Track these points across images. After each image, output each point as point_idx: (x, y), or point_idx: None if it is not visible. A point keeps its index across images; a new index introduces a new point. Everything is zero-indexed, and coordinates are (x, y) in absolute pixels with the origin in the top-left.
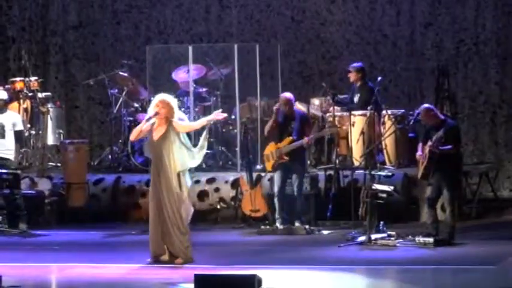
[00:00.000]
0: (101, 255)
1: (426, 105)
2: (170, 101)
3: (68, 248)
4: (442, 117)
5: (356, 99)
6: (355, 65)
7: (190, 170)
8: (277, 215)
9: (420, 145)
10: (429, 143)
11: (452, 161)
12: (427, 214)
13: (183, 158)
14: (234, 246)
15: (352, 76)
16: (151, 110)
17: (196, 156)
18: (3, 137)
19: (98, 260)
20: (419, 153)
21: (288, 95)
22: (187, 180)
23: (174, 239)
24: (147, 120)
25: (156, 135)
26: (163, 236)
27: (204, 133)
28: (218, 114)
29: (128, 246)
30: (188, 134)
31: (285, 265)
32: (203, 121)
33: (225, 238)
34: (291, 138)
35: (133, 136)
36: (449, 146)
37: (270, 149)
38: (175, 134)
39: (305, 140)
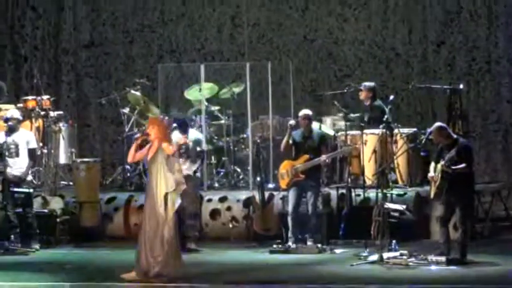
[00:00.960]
0: (113, 274)
1: (439, 123)
2: (160, 122)
3: (80, 267)
4: (455, 136)
5: (366, 117)
6: (367, 84)
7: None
8: (290, 234)
9: (432, 165)
10: (441, 162)
11: (464, 180)
12: (440, 233)
13: (171, 179)
14: (246, 265)
15: (363, 94)
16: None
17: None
18: (17, 155)
19: (110, 279)
20: (431, 174)
21: (308, 111)
22: (176, 201)
23: (148, 257)
24: (136, 140)
25: (149, 156)
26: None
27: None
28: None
29: None
30: None
31: (298, 284)
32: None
33: (237, 257)
34: (307, 156)
35: (129, 158)
36: (462, 165)
37: (286, 166)
38: (164, 156)
39: (323, 157)
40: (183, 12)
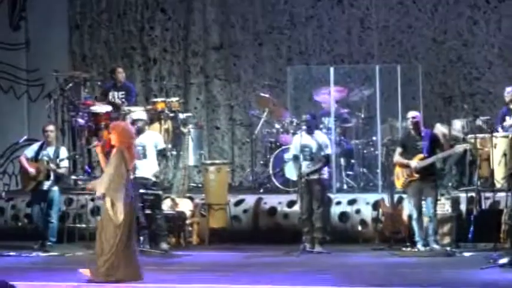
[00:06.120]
0: (243, 277)
1: None
2: (121, 129)
3: (210, 269)
4: None
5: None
6: None
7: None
8: (417, 237)
9: None
10: None
11: None
12: None
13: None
14: (374, 267)
15: None
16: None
17: None
18: (145, 156)
19: (239, 281)
20: None
21: (415, 112)
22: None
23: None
24: (95, 147)
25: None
26: None
27: None
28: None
29: (271, 267)
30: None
31: (427, 287)
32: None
33: (365, 259)
34: (421, 155)
35: (102, 165)
36: None
37: (401, 166)
38: (119, 160)
39: (438, 155)
40: (312, 15)
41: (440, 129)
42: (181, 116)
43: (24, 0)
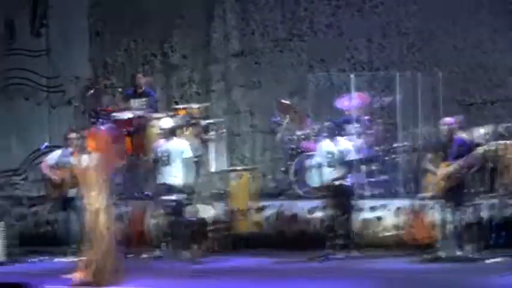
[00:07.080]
0: (266, 283)
1: None
2: (99, 135)
3: (232, 276)
4: None
5: None
6: None
7: None
8: (439, 244)
9: None
10: None
11: None
12: None
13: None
14: (396, 273)
15: None
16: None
17: None
18: (169, 163)
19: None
20: None
21: (449, 119)
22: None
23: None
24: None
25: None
26: None
27: None
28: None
29: (294, 273)
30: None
31: None
32: None
33: (387, 266)
34: (447, 163)
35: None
36: None
37: (429, 178)
38: (104, 169)
39: (454, 165)
40: (332, 22)
41: (461, 136)
42: (202, 122)
43: (46, 7)
